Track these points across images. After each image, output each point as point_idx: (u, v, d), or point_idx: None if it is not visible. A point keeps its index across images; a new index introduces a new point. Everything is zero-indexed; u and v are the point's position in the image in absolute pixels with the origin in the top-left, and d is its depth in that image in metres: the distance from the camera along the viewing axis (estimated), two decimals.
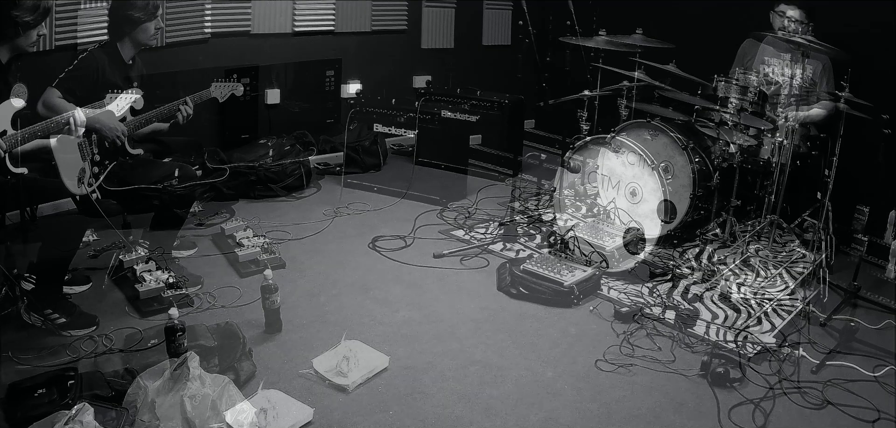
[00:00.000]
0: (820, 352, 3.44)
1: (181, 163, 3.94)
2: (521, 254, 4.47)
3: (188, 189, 3.82)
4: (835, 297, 3.98)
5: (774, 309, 3.85)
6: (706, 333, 3.59)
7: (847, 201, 4.68)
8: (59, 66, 3.66)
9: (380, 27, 6.49)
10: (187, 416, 2.57)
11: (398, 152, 6.47)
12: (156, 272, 3.78)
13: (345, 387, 2.99)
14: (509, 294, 3.92)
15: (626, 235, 4.18)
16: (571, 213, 4.04)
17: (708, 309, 3.84)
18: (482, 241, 4.63)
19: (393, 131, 5.63)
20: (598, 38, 4.77)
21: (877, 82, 4.41)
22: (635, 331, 3.59)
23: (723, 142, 4.43)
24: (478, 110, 5.98)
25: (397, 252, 4.41)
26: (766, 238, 4.43)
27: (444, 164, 5.76)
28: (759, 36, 4.73)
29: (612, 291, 4.03)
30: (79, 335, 3.30)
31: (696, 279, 4.12)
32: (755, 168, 4.50)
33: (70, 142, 3.65)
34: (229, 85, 4.02)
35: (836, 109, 4.11)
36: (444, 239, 4.65)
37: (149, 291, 3.62)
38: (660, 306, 3.82)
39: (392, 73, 6.65)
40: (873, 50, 4.59)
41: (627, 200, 4.39)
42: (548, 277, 3.93)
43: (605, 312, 3.78)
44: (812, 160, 4.58)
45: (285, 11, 5.80)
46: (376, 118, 5.68)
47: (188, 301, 3.63)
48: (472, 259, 4.38)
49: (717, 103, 4.44)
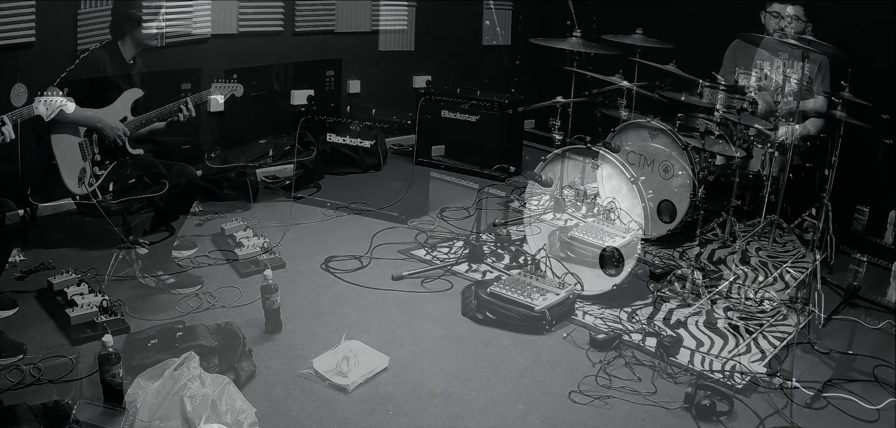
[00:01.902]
0: (815, 382, 3.17)
1: (182, 164, 3.94)
2: (488, 275, 4.13)
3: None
4: (834, 297, 3.98)
5: (764, 335, 3.59)
6: (690, 362, 3.32)
7: (847, 201, 4.68)
8: None
9: (380, 27, 6.50)
10: (187, 416, 2.57)
11: (398, 152, 6.47)
12: (89, 296, 3.44)
13: (345, 387, 2.99)
14: (475, 319, 3.60)
15: (602, 255, 3.78)
16: (571, 212, 3.99)
17: (692, 336, 3.56)
18: (445, 261, 4.26)
19: (347, 141, 5.29)
20: (572, 40, 4.55)
21: (877, 82, 4.41)
22: (613, 359, 3.31)
23: (707, 153, 4.24)
24: (478, 110, 5.98)
25: (353, 274, 4.08)
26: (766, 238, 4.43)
27: (443, 164, 5.76)
28: (749, 37, 4.58)
29: (588, 315, 3.70)
30: (4, 364, 2.98)
31: (691, 285, 3.91)
32: (744, 181, 4.30)
33: (71, 141, 3.66)
34: (230, 85, 4.02)
35: (830, 104, 4.10)
36: (404, 259, 4.29)
37: (81, 316, 3.29)
38: (640, 333, 3.53)
39: (392, 73, 6.65)
40: (873, 50, 4.59)
41: (603, 218, 3.98)
42: (517, 300, 3.61)
43: (580, 339, 3.48)
44: (806, 173, 4.53)
45: (287, 10, 5.81)
46: (329, 127, 5.33)
47: (124, 327, 3.30)
48: (434, 281, 4.05)
49: (701, 110, 4.29)
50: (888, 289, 3.96)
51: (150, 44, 3.89)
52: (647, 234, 3.91)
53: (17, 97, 3.92)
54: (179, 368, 2.72)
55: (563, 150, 4.13)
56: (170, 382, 2.68)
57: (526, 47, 6.97)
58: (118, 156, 3.78)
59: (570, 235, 3.84)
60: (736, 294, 3.93)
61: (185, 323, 3.25)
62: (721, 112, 4.22)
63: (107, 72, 3.73)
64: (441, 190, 5.54)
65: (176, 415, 2.58)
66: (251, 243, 4.19)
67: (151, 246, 3.89)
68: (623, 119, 4.67)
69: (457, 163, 5.90)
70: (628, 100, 4.81)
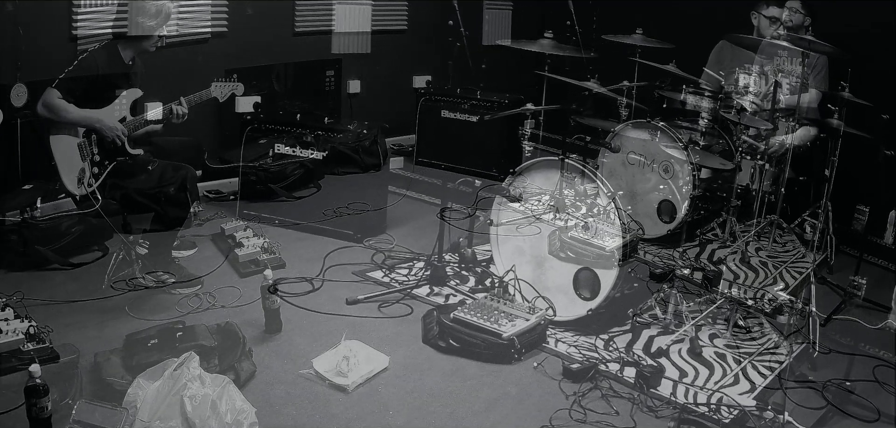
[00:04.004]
0: (813, 408, 3.02)
1: (182, 164, 3.94)
2: (451, 299, 3.85)
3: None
4: (834, 297, 3.97)
5: (753, 365, 3.35)
6: (673, 395, 3.10)
7: (847, 201, 4.68)
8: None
9: (380, 27, 6.49)
10: (187, 416, 2.57)
11: (398, 152, 6.46)
12: (14, 322, 3.09)
13: (345, 387, 2.99)
14: (437, 347, 3.35)
15: (576, 276, 3.55)
16: (571, 212, 3.96)
17: (675, 365, 3.31)
18: (405, 284, 3.98)
19: (298, 153, 4.82)
20: (543, 42, 4.19)
21: (877, 82, 4.41)
22: (588, 391, 3.08)
23: (692, 166, 4.04)
24: (478, 110, 5.97)
25: (303, 298, 3.81)
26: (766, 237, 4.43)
27: (444, 164, 5.74)
28: (736, 38, 4.45)
29: (561, 343, 3.44)
30: None
31: (674, 308, 3.60)
32: (732, 196, 4.14)
33: (69, 142, 3.66)
34: (229, 85, 4.02)
35: (826, 112, 4.05)
36: (360, 281, 4.00)
37: (4, 345, 2.97)
38: (618, 362, 3.29)
39: (392, 73, 6.65)
40: (873, 50, 4.59)
41: (580, 233, 3.61)
42: (483, 327, 3.34)
43: (552, 369, 3.24)
44: (800, 188, 4.45)
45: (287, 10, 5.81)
46: (277, 137, 4.84)
47: (53, 356, 2.94)
48: (392, 305, 3.76)
49: (684, 116, 4.13)
50: (889, 315, 3.72)
51: (150, 49, 3.89)
52: (621, 258, 3.53)
53: (18, 97, 3.92)
54: (179, 368, 2.72)
55: (534, 162, 3.78)
56: (170, 382, 2.68)
57: (495, 50, 6.86)
58: (117, 156, 3.78)
59: (570, 235, 3.81)
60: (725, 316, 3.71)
61: (185, 323, 3.25)
62: (706, 120, 4.01)
63: (106, 72, 3.73)
64: (404, 206, 5.11)
65: (176, 415, 2.58)
66: (251, 243, 4.19)
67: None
68: (622, 119, 4.67)
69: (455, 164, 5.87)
70: (628, 100, 4.80)
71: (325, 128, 4.79)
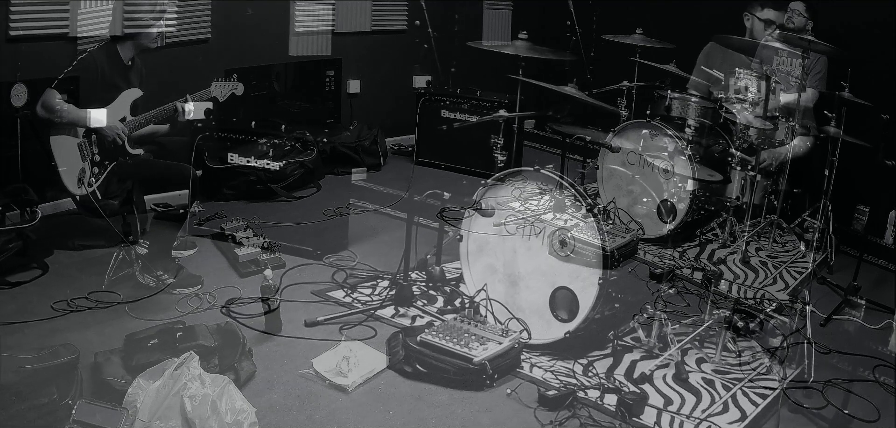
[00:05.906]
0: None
1: (180, 164, 3.94)
2: (418, 321, 3.58)
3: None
4: (834, 297, 3.97)
5: (744, 391, 3.15)
6: (657, 423, 2.90)
7: (847, 201, 4.68)
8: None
9: (380, 27, 6.49)
10: (187, 416, 2.57)
11: (398, 152, 6.47)
12: None
13: (345, 387, 2.99)
14: (403, 373, 3.13)
15: (553, 296, 3.35)
16: (571, 212, 3.92)
17: (659, 392, 3.10)
18: (368, 304, 3.72)
19: (252, 162, 4.50)
20: (517, 44, 3.99)
21: (877, 82, 4.42)
22: (566, 420, 2.88)
23: (678, 177, 3.91)
24: (478, 110, 5.98)
25: (259, 319, 3.49)
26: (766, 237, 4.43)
27: (443, 164, 5.75)
28: (726, 40, 4.38)
29: (536, 368, 3.22)
30: None
31: (658, 330, 3.39)
32: (721, 208, 4.02)
33: (69, 142, 3.66)
34: (229, 84, 4.02)
35: (823, 118, 4.04)
36: (320, 301, 3.74)
37: None
38: (598, 388, 3.07)
39: (392, 73, 6.65)
40: (873, 50, 4.59)
41: (556, 251, 3.36)
42: (453, 350, 3.11)
43: (527, 396, 3.02)
44: (794, 200, 4.43)
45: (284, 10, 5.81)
46: (230, 145, 4.63)
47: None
48: (354, 327, 3.50)
49: (670, 124, 4.01)
50: (890, 338, 3.64)
51: (150, 46, 3.89)
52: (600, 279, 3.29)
53: (18, 97, 3.92)
54: (179, 368, 2.72)
55: (505, 174, 3.52)
56: (170, 382, 2.68)
57: (468, 51, 6.83)
58: (117, 156, 3.78)
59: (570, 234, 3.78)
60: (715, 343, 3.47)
61: (185, 323, 3.25)
62: (693, 127, 3.86)
63: (104, 73, 3.73)
64: (367, 220, 4.83)
65: (176, 415, 2.58)
66: (251, 243, 4.19)
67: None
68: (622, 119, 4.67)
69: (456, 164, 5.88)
70: (628, 100, 4.81)
71: (280, 136, 4.57)
